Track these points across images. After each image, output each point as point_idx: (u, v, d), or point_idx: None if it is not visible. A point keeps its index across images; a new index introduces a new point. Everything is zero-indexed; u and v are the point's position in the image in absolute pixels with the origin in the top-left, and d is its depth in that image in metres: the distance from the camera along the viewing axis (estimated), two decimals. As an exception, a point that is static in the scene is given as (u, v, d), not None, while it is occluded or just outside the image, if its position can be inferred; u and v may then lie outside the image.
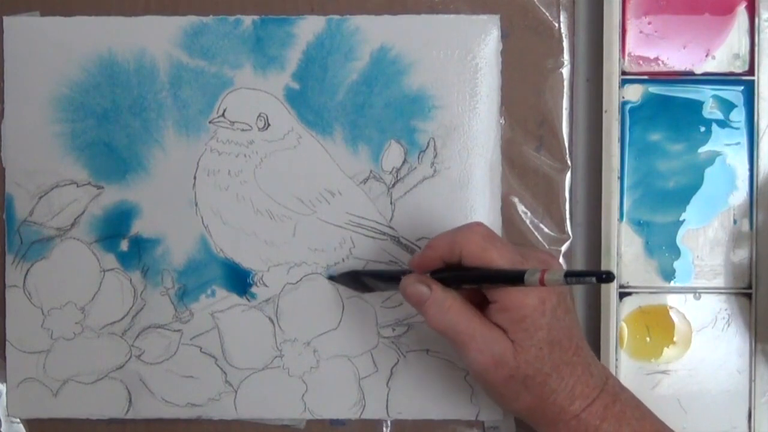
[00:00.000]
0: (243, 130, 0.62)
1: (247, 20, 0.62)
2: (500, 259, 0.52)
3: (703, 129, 0.62)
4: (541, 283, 0.48)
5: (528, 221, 0.62)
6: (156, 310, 0.62)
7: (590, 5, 0.63)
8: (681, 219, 0.62)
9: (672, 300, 0.62)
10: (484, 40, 0.62)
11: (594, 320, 0.62)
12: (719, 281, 0.62)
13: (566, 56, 0.62)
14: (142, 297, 0.63)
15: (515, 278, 0.50)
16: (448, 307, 0.53)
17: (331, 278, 0.62)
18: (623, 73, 0.61)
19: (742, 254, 0.62)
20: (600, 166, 0.61)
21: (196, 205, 0.62)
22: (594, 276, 0.44)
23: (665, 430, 0.55)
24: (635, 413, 0.54)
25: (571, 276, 0.46)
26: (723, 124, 0.62)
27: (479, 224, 0.54)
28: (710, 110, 0.62)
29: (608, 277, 0.44)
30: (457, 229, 0.54)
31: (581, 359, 0.53)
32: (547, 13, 0.62)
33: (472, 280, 0.53)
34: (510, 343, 0.52)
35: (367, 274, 0.61)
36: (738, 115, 0.62)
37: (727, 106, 0.62)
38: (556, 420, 0.53)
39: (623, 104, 0.62)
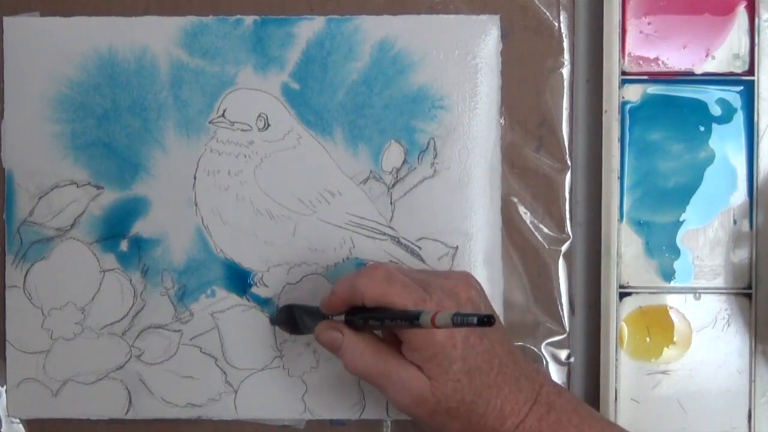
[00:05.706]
0: (243, 130, 0.62)
1: (248, 20, 0.62)
2: (401, 300, 0.52)
3: (703, 129, 0.62)
4: (434, 325, 0.48)
5: (528, 221, 0.62)
6: (156, 311, 0.62)
7: (590, 5, 0.63)
8: (681, 219, 0.62)
9: (672, 300, 0.62)
10: (484, 40, 0.62)
11: (594, 320, 0.62)
12: (719, 281, 0.62)
13: (566, 56, 0.62)
14: (142, 297, 0.63)
15: (413, 319, 0.50)
16: (362, 351, 0.53)
17: (272, 321, 0.62)
18: (623, 73, 0.61)
19: (742, 254, 0.62)
20: (600, 166, 0.61)
21: (196, 205, 0.62)
22: (476, 317, 0.47)
23: (607, 429, 0.54)
24: (572, 419, 0.53)
25: (458, 317, 0.47)
26: (723, 124, 0.62)
27: (379, 267, 0.54)
28: (710, 110, 0.62)
29: (488, 320, 0.47)
30: (357, 273, 0.54)
31: (507, 377, 0.53)
32: (547, 13, 0.62)
33: (378, 321, 0.53)
34: (427, 380, 0.52)
35: (299, 309, 0.59)
36: (738, 115, 0.62)
37: (727, 106, 0.62)
38: None
39: (623, 104, 0.62)
